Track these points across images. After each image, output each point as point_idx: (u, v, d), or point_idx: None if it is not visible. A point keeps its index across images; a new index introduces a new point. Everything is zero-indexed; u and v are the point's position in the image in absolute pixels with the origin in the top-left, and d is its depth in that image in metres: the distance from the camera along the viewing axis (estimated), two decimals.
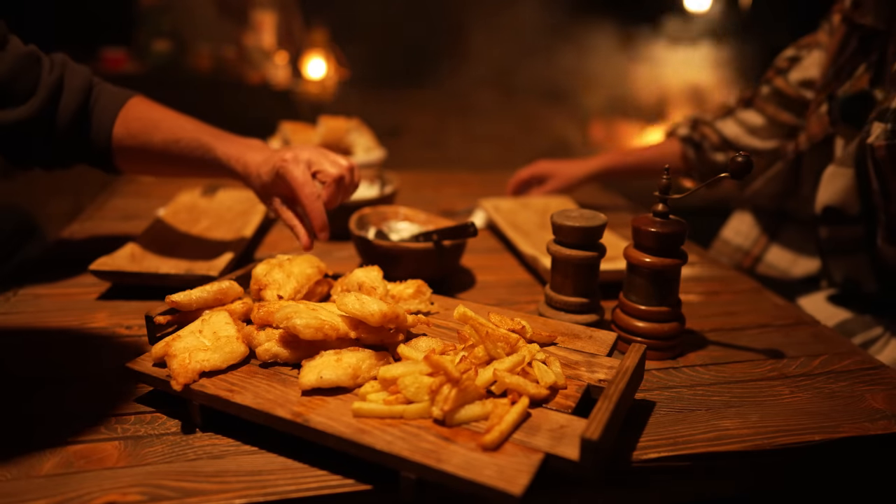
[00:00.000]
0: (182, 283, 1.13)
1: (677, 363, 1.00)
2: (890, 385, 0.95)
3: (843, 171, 1.23)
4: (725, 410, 0.88)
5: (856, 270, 1.29)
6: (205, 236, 1.41)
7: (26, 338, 1.01)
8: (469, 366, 0.78)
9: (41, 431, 0.78)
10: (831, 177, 1.26)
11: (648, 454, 0.78)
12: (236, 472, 0.72)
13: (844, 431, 0.84)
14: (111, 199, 1.74)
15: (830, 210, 1.26)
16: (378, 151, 1.92)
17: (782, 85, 1.53)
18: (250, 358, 0.86)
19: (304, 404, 0.76)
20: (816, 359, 1.03)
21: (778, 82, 1.54)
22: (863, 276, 1.28)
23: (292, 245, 1.47)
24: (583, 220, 1.01)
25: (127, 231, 1.48)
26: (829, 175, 1.27)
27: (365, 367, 0.80)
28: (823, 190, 1.28)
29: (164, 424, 0.81)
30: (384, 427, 0.72)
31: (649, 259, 0.97)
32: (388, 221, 1.37)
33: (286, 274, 0.99)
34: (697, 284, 1.31)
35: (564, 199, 1.70)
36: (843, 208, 1.25)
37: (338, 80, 5.04)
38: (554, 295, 1.05)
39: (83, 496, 0.68)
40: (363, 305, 0.82)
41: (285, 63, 4.82)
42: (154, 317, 0.91)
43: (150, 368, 0.82)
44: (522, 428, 0.72)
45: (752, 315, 1.18)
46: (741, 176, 0.88)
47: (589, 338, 0.93)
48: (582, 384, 0.82)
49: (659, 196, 0.97)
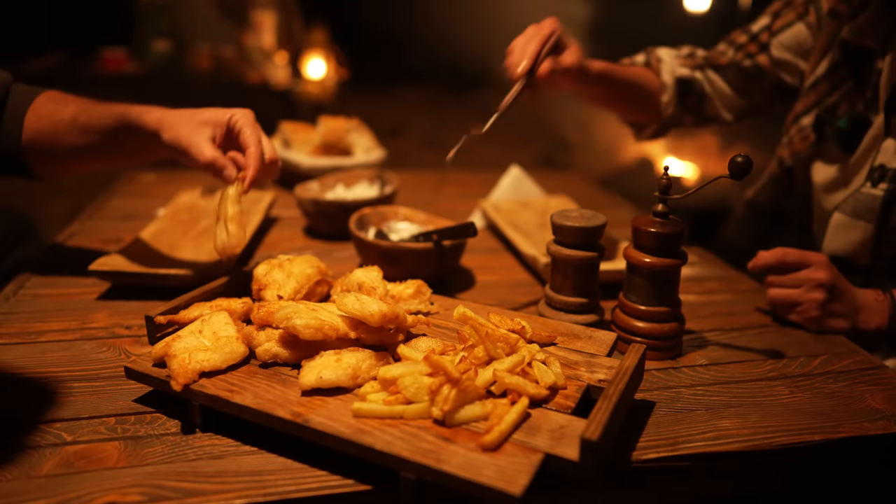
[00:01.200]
0: (182, 283, 1.14)
1: (677, 363, 1.00)
2: (889, 385, 0.95)
3: (860, 224, 1.18)
4: (725, 410, 0.88)
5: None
6: (205, 236, 1.41)
7: (26, 338, 1.01)
8: (469, 366, 0.78)
9: (41, 431, 0.79)
10: (842, 228, 1.21)
11: (648, 454, 0.78)
12: (236, 472, 0.72)
13: (844, 431, 0.84)
14: (111, 199, 1.74)
15: (838, 260, 1.21)
16: (378, 151, 1.92)
17: (764, 61, 1.39)
18: (250, 358, 0.86)
19: (303, 404, 0.76)
20: (816, 359, 1.03)
21: (760, 58, 1.39)
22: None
23: (292, 245, 1.47)
24: (583, 220, 1.01)
25: (127, 231, 1.48)
26: (839, 225, 1.21)
27: (365, 367, 0.80)
28: (832, 239, 1.23)
29: (164, 424, 0.81)
30: (384, 427, 0.72)
31: (649, 259, 0.97)
32: (388, 221, 1.37)
33: (286, 274, 0.99)
34: (697, 284, 1.31)
35: (564, 199, 1.71)
36: (852, 259, 1.21)
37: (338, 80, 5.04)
38: (554, 295, 1.05)
39: (83, 496, 0.68)
40: (363, 306, 0.82)
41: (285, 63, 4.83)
42: (154, 317, 0.91)
43: (150, 368, 0.82)
44: (522, 428, 0.72)
45: (752, 315, 1.18)
46: (741, 176, 0.88)
47: (589, 338, 0.93)
48: (582, 384, 0.82)
49: (659, 196, 0.97)
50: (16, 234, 1.63)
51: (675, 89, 1.43)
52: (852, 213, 1.20)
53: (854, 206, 1.20)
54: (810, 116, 1.32)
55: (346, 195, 1.57)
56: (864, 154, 1.21)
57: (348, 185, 1.62)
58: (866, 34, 1.19)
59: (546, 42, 1.14)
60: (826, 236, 1.24)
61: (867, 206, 1.18)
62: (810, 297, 1.09)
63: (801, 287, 1.10)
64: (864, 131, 1.20)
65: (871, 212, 1.17)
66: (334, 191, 1.59)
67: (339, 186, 1.60)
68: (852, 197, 1.20)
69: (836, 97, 1.27)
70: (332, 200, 1.45)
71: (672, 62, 1.45)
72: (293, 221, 1.62)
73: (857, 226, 1.19)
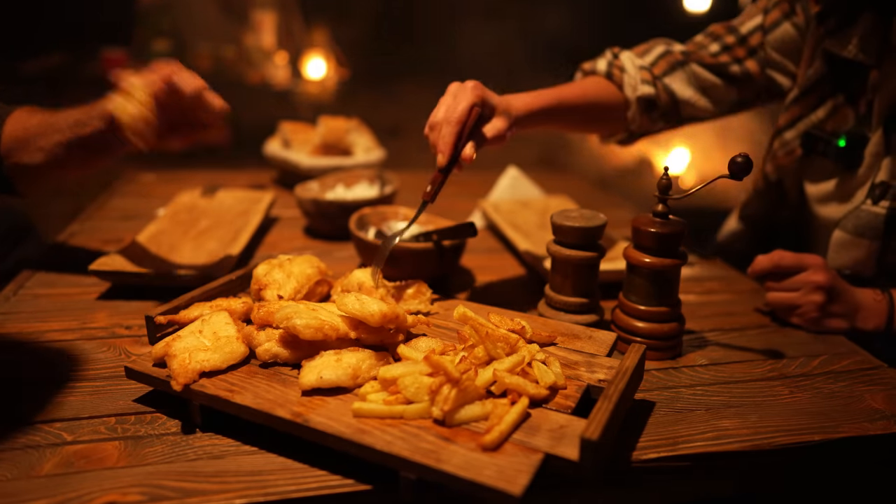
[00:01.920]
0: (182, 283, 1.14)
1: (677, 363, 1.00)
2: (889, 385, 0.95)
3: (864, 242, 1.17)
4: (725, 410, 0.88)
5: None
6: (205, 236, 1.41)
7: (26, 338, 1.01)
8: (469, 366, 0.78)
9: (41, 431, 0.79)
10: (846, 245, 1.20)
11: (648, 454, 0.78)
12: (236, 472, 0.72)
13: (844, 431, 0.84)
14: (111, 199, 1.74)
15: (843, 274, 1.19)
16: (378, 151, 1.92)
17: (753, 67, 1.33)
18: (250, 358, 0.86)
19: (304, 404, 0.76)
20: (816, 359, 1.03)
21: (749, 64, 1.33)
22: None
23: (292, 245, 1.47)
24: (583, 221, 1.01)
25: (127, 231, 1.48)
26: (843, 243, 1.20)
27: (365, 367, 0.80)
28: (836, 256, 1.22)
29: (164, 424, 0.81)
30: (384, 427, 0.72)
31: (649, 259, 0.97)
32: (388, 221, 1.37)
33: (286, 274, 0.99)
34: (697, 284, 1.31)
35: (564, 199, 1.71)
36: (858, 272, 1.21)
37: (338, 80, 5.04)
38: (554, 295, 1.05)
39: (83, 496, 0.68)
40: (363, 306, 0.82)
41: (285, 63, 4.82)
42: (154, 317, 0.91)
43: (150, 368, 0.82)
44: (522, 428, 0.72)
45: (752, 315, 1.18)
46: (741, 177, 0.88)
47: (589, 338, 0.93)
48: (582, 384, 0.82)
49: (659, 196, 0.97)
50: (16, 234, 1.63)
51: (638, 106, 1.32)
52: (854, 231, 1.19)
53: (855, 224, 1.19)
54: (793, 131, 1.29)
55: (346, 195, 1.57)
56: (863, 171, 1.20)
57: (348, 185, 1.62)
58: (858, 49, 1.17)
59: (463, 127, 1.04)
60: (829, 253, 1.23)
61: (869, 224, 1.17)
62: (809, 300, 1.10)
63: (799, 290, 1.11)
64: (862, 148, 1.19)
65: (875, 230, 1.17)
66: (334, 191, 1.59)
67: (339, 186, 1.60)
68: (853, 214, 1.19)
69: (822, 113, 1.25)
70: (332, 200, 1.46)
71: (636, 75, 1.31)
72: (293, 221, 1.62)
73: (861, 244, 1.18)
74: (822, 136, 1.24)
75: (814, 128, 1.26)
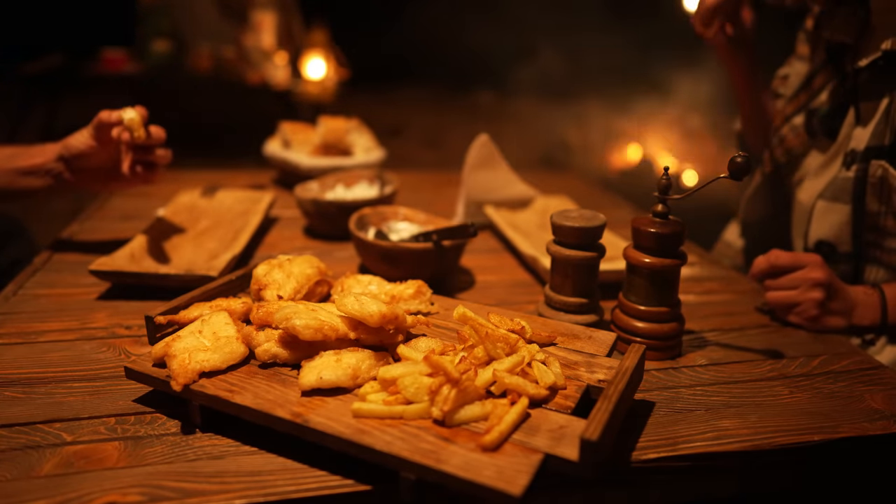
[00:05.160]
0: (182, 283, 1.14)
1: (677, 363, 1.00)
2: (889, 385, 0.95)
3: (838, 206, 1.22)
4: (725, 410, 0.88)
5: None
6: (205, 236, 1.41)
7: (26, 338, 1.01)
8: (469, 366, 0.78)
9: (41, 432, 0.79)
10: (824, 212, 1.25)
11: (648, 454, 0.78)
12: (236, 473, 0.72)
13: (843, 431, 0.84)
14: (111, 199, 1.74)
15: (824, 244, 1.26)
16: (378, 151, 1.92)
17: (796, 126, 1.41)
18: (250, 358, 0.86)
19: (303, 405, 0.76)
20: (816, 359, 1.03)
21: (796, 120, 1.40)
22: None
23: (292, 245, 1.47)
24: (582, 221, 1.01)
25: (127, 231, 1.48)
26: (822, 210, 1.25)
27: (364, 367, 0.80)
28: (817, 225, 1.27)
29: (164, 424, 0.81)
30: (384, 427, 0.72)
31: (649, 259, 0.97)
32: (388, 221, 1.37)
33: (286, 274, 0.99)
34: (697, 285, 1.31)
35: (564, 199, 1.71)
36: (836, 244, 1.25)
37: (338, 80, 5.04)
38: (553, 295, 1.05)
39: (83, 496, 0.68)
40: (363, 306, 0.82)
41: (285, 63, 4.82)
42: (154, 317, 0.91)
43: (150, 368, 0.82)
44: (522, 428, 0.72)
45: (752, 315, 1.18)
46: (741, 176, 0.88)
47: (588, 338, 0.93)
48: (581, 384, 0.82)
49: (658, 196, 0.97)
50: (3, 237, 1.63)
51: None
52: (831, 198, 1.24)
53: (833, 191, 1.24)
54: (801, 117, 1.36)
55: (346, 195, 1.57)
56: (842, 143, 1.26)
57: (348, 186, 1.62)
58: (842, 31, 1.25)
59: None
60: (812, 224, 1.28)
61: (843, 188, 1.22)
62: (808, 297, 1.10)
63: (798, 288, 1.11)
64: (842, 118, 1.25)
65: (847, 193, 1.21)
66: (334, 191, 1.59)
67: (339, 186, 1.60)
68: (831, 183, 1.25)
69: (823, 96, 1.32)
70: (331, 200, 1.45)
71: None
72: (293, 221, 1.62)
73: (836, 209, 1.23)
74: (814, 112, 1.33)
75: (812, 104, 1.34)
